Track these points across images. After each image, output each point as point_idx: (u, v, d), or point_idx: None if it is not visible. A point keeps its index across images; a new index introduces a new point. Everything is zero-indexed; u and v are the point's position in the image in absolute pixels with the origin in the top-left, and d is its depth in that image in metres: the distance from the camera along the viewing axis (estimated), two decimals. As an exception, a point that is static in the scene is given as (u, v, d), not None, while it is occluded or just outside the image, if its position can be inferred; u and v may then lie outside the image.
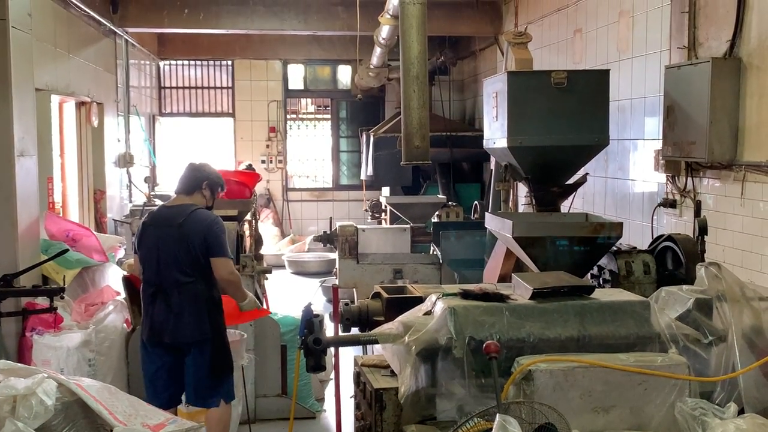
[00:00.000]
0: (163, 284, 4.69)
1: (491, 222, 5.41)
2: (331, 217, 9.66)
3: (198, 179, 4.91)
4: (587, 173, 6.01)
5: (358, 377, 3.98)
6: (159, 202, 10.33)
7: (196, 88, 14.03)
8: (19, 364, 3.35)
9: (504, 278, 5.27)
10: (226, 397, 4.80)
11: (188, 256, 4.68)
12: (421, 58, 5.32)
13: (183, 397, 4.87)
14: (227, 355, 4.82)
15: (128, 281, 5.84)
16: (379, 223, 10.88)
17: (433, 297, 3.64)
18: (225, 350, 4.81)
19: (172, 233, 4.70)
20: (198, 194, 4.90)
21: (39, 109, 6.20)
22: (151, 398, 4.62)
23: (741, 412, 3.26)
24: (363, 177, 12.38)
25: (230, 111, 14.02)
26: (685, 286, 3.85)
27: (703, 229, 4.97)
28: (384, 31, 9.45)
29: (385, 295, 4.15)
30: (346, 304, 4.20)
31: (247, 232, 8.52)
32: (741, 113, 5.48)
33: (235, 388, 4.94)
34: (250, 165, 11.19)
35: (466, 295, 3.60)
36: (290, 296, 9.20)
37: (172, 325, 4.66)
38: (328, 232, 8.38)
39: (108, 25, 9.75)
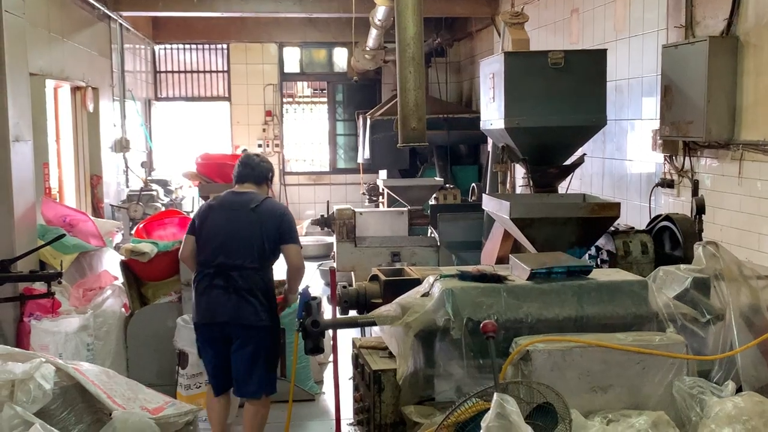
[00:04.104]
0: (225, 266, 4.66)
1: (489, 203, 5.40)
2: (328, 201, 9.63)
3: (266, 170, 4.99)
4: (585, 154, 5.99)
5: (356, 359, 3.98)
6: (156, 187, 10.33)
7: (192, 72, 13.97)
8: (17, 349, 3.36)
9: (502, 260, 5.27)
10: (269, 390, 4.81)
11: (257, 241, 4.69)
12: (417, 39, 5.28)
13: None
14: (278, 347, 4.84)
15: (126, 266, 5.83)
16: (377, 206, 10.86)
17: (431, 278, 3.64)
18: (278, 341, 4.83)
19: (243, 216, 4.72)
20: (264, 185, 4.98)
21: (34, 94, 6.16)
22: (210, 380, 4.83)
23: (739, 390, 3.27)
24: (360, 160, 12.35)
25: (226, 95, 13.96)
26: (682, 266, 3.85)
27: (700, 209, 4.97)
28: (379, 12, 9.39)
29: (382, 277, 4.15)
30: (344, 287, 4.20)
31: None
32: (738, 92, 5.46)
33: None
34: (246, 150, 11.18)
35: (463, 276, 3.60)
36: (288, 280, 9.18)
37: (232, 307, 4.63)
38: (326, 215, 8.36)
39: (102, 9, 9.69)
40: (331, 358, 5.67)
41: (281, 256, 4.85)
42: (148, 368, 5.61)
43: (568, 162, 5.81)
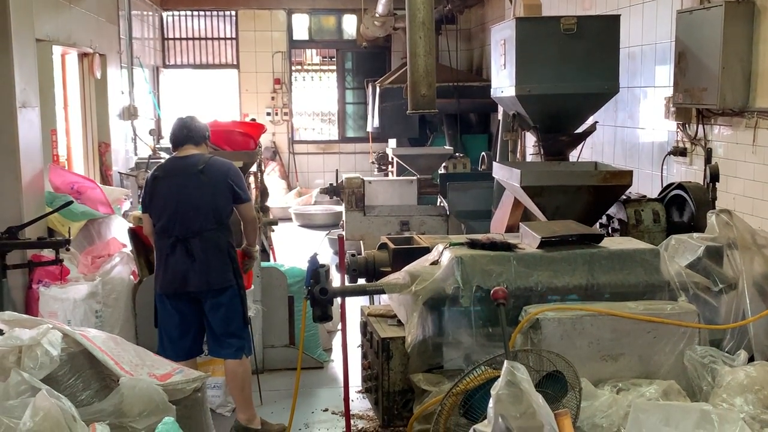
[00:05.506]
0: (184, 233, 4.61)
1: (499, 171, 5.35)
2: (337, 170, 9.60)
3: (202, 129, 4.91)
4: (596, 122, 5.93)
5: (365, 327, 3.97)
6: (164, 155, 10.29)
7: (200, 39, 13.87)
8: (24, 315, 3.35)
9: (512, 229, 5.24)
10: (246, 350, 4.82)
11: (211, 204, 4.64)
12: (427, 3, 5.21)
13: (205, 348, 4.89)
14: (246, 304, 4.84)
15: (134, 233, 5.82)
16: (386, 175, 10.82)
17: (440, 247, 3.61)
18: (245, 298, 4.83)
19: (193, 181, 4.65)
20: (203, 145, 4.91)
21: (41, 60, 6.11)
22: (166, 351, 4.63)
23: (751, 359, 3.25)
24: (369, 129, 12.28)
25: (234, 63, 13.87)
26: (695, 234, 3.81)
27: (714, 175, 4.91)
28: (389, -21, 9.28)
29: (391, 245, 4.13)
30: (353, 255, 4.18)
31: (253, 184, 8.47)
32: (754, 58, 5.37)
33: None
34: (254, 120, 11.13)
35: (473, 244, 3.57)
36: (297, 248, 9.20)
37: (198, 274, 4.60)
38: (335, 184, 8.33)
39: (109, -26, 9.59)
40: (339, 326, 5.67)
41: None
42: (157, 335, 5.61)
43: (579, 130, 5.74)
